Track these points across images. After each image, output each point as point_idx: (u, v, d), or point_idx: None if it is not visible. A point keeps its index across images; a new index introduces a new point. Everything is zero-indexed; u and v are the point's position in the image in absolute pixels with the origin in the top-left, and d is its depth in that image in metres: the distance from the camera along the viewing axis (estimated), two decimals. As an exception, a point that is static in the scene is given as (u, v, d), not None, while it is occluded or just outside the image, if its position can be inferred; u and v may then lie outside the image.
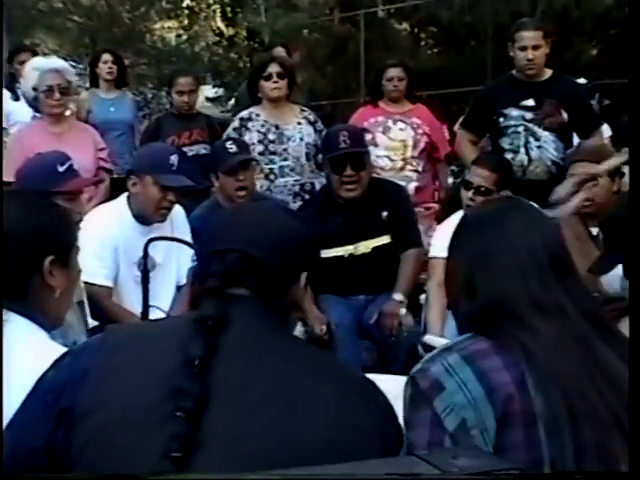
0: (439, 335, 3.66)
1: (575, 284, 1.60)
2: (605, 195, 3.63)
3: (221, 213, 1.66)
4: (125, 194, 3.66)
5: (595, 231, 3.66)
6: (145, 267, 3.32)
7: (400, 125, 5.33)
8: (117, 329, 1.63)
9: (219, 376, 1.39)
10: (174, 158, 3.56)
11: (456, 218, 3.93)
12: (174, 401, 1.34)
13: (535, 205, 1.79)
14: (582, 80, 6.02)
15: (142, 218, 3.60)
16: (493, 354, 1.50)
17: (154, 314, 3.33)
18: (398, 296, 3.97)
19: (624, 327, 2.63)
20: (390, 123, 5.34)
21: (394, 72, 5.36)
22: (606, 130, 5.20)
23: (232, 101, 12.03)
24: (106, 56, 6.07)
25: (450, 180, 5.94)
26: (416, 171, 5.31)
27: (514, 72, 4.63)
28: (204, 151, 5.38)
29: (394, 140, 5.30)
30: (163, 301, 3.52)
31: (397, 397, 1.58)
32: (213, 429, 1.35)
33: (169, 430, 1.32)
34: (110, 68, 6.02)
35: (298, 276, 1.59)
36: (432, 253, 4.03)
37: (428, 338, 3.24)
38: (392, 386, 2.87)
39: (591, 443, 1.43)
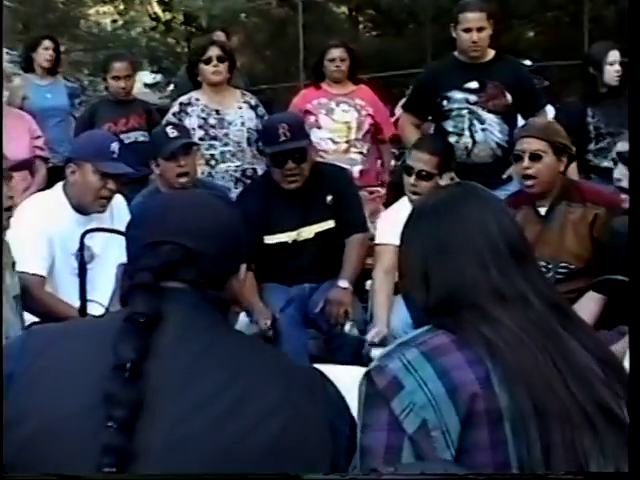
0: (386, 323, 3.62)
1: (534, 272, 1.53)
2: (550, 173, 3.61)
3: (151, 204, 1.54)
4: (61, 183, 3.54)
5: (543, 211, 3.65)
6: (82, 259, 3.19)
7: (343, 107, 5.27)
8: (41, 330, 1.53)
9: (154, 380, 1.30)
10: (115, 145, 3.48)
11: (401, 204, 3.99)
12: (105, 410, 1.25)
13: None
14: (527, 62, 6.03)
15: (81, 207, 3.49)
16: (454, 350, 1.41)
17: (93, 308, 3.20)
18: (343, 283, 3.90)
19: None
20: (333, 105, 5.28)
21: (336, 52, 5.31)
22: (550, 111, 5.17)
23: (171, 87, 11.88)
24: (47, 42, 5.97)
25: (392, 163, 5.88)
26: (360, 153, 5.26)
27: (456, 53, 4.59)
28: (142, 138, 5.29)
29: (337, 122, 5.24)
30: (102, 294, 3.39)
31: (349, 390, 1.50)
32: (149, 438, 1.26)
33: (101, 442, 1.23)
34: (50, 55, 5.92)
35: (237, 267, 1.51)
36: (378, 239, 3.98)
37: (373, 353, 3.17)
38: (344, 377, 2.81)
39: (559, 441, 1.37)
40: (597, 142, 5.03)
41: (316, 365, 3.25)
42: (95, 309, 3.21)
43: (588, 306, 3.11)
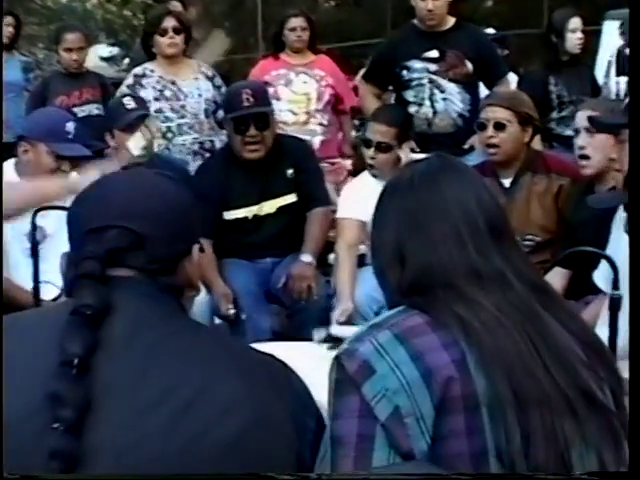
0: (350, 299, 3.56)
1: (513, 250, 1.45)
2: (514, 143, 3.59)
3: (93, 186, 1.44)
4: (12, 160, 3.44)
5: (507, 183, 3.61)
6: (34, 239, 3.08)
7: (303, 77, 5.20)
8: None
9: (103, 377, 1.21)
10: (70, 125, 3.40)
11: (362, 177, 3.93)
12: (51, 410, 1.16)
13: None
14: (491, 30, 5.99)
15: None
16: (429, 331, 1.33)
17: (47, 289, 3.10)
18: (306, 257, 3.85)
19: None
20: (292, 76, 5.20)
21: (296, 22, 5.24)
22: (513, 80, 5.14)
23: (127, 60, 11.67)
24: (8, 19, 5.84)
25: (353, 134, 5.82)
26: (321, 124, 5.19)
27: (416, 22, 4.54)
28: (96, 111, 5.19)
29: (297, 93, 5.17)
30: (57, 275, 3.28)
31: (314, 368, 1.45)
32: (99, 440, 1.17)
33: (48, 445, 1.14)
34: (10, 32, 5.83)
35: (189, 249, 1.41)
36: (340, 213, 3.93)
37: (336, 329, 3.11)
38: (309, 354, 2.75)
39: (539, 428, 1.29)
40: (560, 110, 5.06)
41: (280, 342, 3.24)
42: (50, 290, 3.12)
43: (556, 281, 3.07)
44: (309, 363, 2.42)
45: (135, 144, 3.73)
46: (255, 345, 2.94)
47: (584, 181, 3.35)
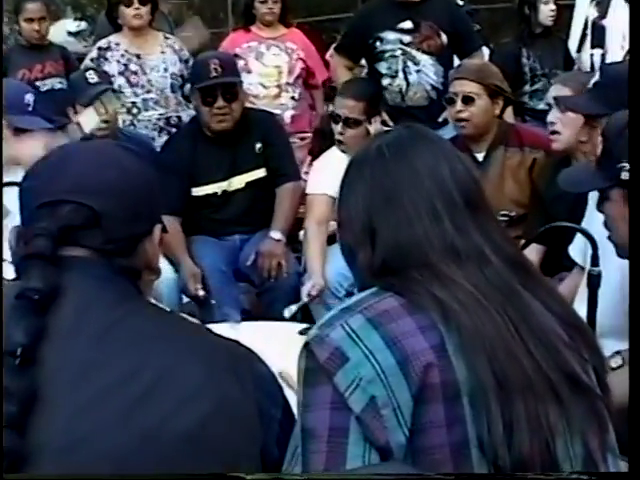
0: (321, 275, 3.49)
1: (491, 223, 1.36)
2: (484, 117, 3.55)
3: (48, 156, 1.33)
4: None
5: (480, 157, 3.58)
6: (-8, 217, 2.97)
7: (274, 50, 5.12)
8: None
9: (51, 367, 1.12)
10: (29, 97, 3.25)
11: (332, 152, 3.85)
12: None
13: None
14: (460, 1, 5.90)
15: None
16: (405, 315, 1.24)
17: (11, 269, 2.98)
18: (276, 234, 3.80)
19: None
20: (263, 48, 5.11)
21: (264, -6, 5.12)
22: (486, 53, 5.07)
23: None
24: None
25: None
26: (292, 98, 5.12)
27: None
28: (59, 85, 5.06)
29: (268, 66, 5.09)
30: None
31: (284, 348, 1.33)
32: (46, 436, 1.09)
33: None
34: None
35: (149, 229, 1.31)
36: (309, 189, 3.87)
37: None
38: (278, 334, 2.67)
39: (523, 414, 1.21)
40: (532, 84, 5.02)
41: (249, 322, 3.17)
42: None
43: (531, 258, 3.00)
44: (279, 343, 2.35)
45: (87, 120, 3.63)
46: (224, 325, 2.90)
47: (558, 154, 3.29)
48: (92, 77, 3.81)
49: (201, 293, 3.63)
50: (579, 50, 5.14)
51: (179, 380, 1.14)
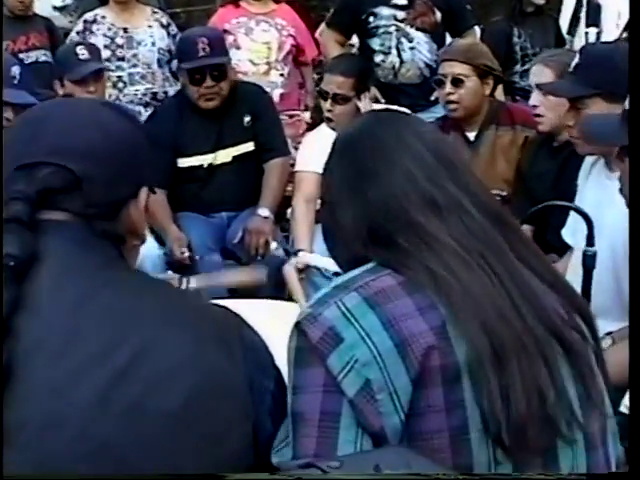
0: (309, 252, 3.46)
1: (468, 178, 1.33)
2: (473, 98, 3.52)
3: (26, 115, 1.27)
4: None
5: (472, 136, 3.55)
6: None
7: (263, 26, 5.01)
8: None
9: (27, 339, 1.06)
10: (16, 70, 3.21)
11: (320, 130, 3.80)
12: None
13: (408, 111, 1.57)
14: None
15: None
16: (403, 295, 1.20)
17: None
18: (263, 211, 3.76)
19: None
20: (253, 24, 5.01)
21: (256, -31, 5.05)
22: (478, 33, 5.03)
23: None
24: None
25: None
26: (281, 75, 5.02)
27: None
28: (44, 57, 4.96)
29: (257, 42, 4.99)
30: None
31: (271, 328, 1.30)
32: (21, 413, 1.03)
33: None
34: None
35: (134, 192, 1.25)
36: (298, 167, 3.83)
37: (303, 256, 3.00)
38: (265, 312, 2.63)
39: (518, 376, 1.18)
40: (523, 63, 4.98)
41: (236, 300, 3.12)
42: None
43: None
44: (264, 323, 2.30)
45: None
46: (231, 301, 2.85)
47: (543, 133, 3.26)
48: (83, 52, 3.75)
49: (186, 254, 3.59)
50: (570, 32, 5.10)
51: (162, 352, 1.09)
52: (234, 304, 1.28)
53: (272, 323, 1.25)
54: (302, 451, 1.14)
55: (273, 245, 3.68)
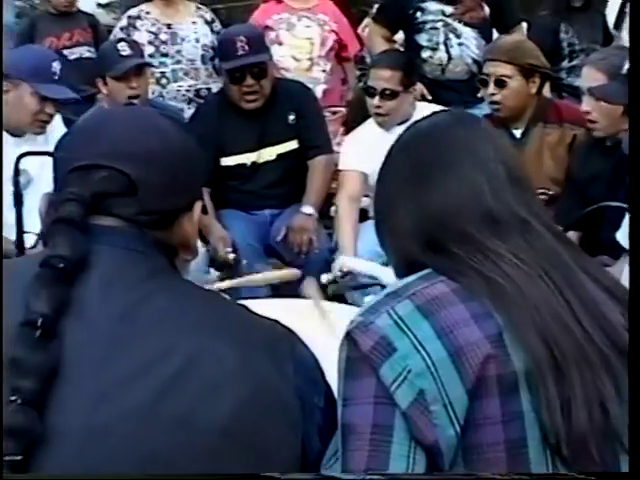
0: (352, 253, 3.42)
1: (534, 201, 1.30)
2: (518, 99, 3.46)
3: (86, 118, 1.25)
4: None
5: (518, 133, 3.51)
6: (17, 186, 2.91)
7: (306, 22, 5.00)
8: None
9: (73, 343, 1.04)
10: (56, 65, 3.19)
11: (364, 128, 3.76)
12: (10, 379, 0.99)
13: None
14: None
15: (13, 129, 3.21)
16: (457, 302, 1.15)
17: (31, 240, 2.92)
18: (307, 209, 3.74)
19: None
20: (295, 20, 4.99)
21: (299, -36, 5.04)
22: (524, 27, 4.96)
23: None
24: None
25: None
26: (323, 71, 5.01)
27: None
28: (88, 54, 4.99)
29: (299, 38, 4.97)
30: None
31: (315, 327, 1.25)
32: (65, 419, 1.00)
33: (4, 421, 0.97)
34: None
35: (189, 204, 1.22)
36: (342, 165, 3.81)
37: (345, 260, 2.95)
38: (309, 312, 2.59)
39: (579, 387, 1.13)
40: (570, 59, 4.89)
41: (279, 299, 3.10)
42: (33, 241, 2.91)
43: None
44: (310, 321, 2.26)
45: None
46: (252, 301, 2.83)
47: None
48: (124, 49, 3.72)
49: (231, 256, 3.57)
50: (616, 27, 5.01)
51: (211, 362, 1.06)
52: (250, 304, 1.25)
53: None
54: (352, 465, 1.11)
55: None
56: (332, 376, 1.18)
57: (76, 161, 1.17)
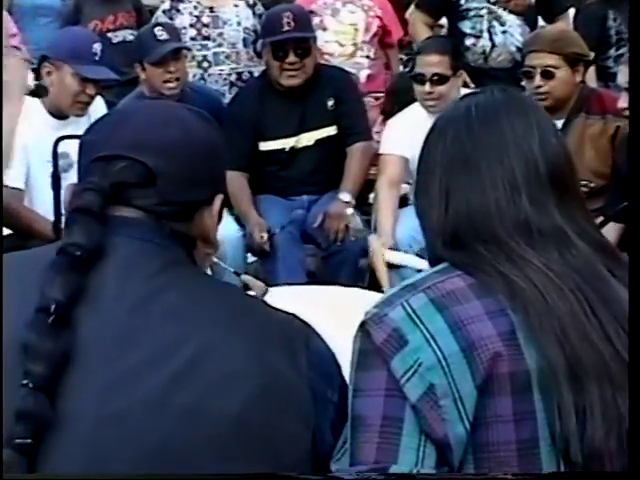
0: (391, 239, 3.40)
1: (577, 207, 1.23)
2: (565, 87, 3.43)
3: (113, 110, 1.27)
4: (33, 84, 3.28)
5: (559, 123, 3.43)
6: (55, 169, 2.94)
7: (350, 7, 4.95)
8: None
9: (86, 331, 1.04)
10: (97, 46, 3.25)
11: (409, 112, 3.73)
12: (23, 364, 1.00)
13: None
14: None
15: (56, 111, 3.26)
16: (472, 297, 1.14)
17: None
18: (345, 196, 3.73)
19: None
20: (339, 5, 4.95)
21: (343, -50, 5.01)
22: (571, 15, 4.88)
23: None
24: None
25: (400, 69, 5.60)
26: (367, 57, 4.96)
27: None
28: (131, 37, 4.92)
29: (344, 23, 4.93)
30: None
31: (349, 315, 1.27)
32: (77, 406, 1.01)
33: (14, 405, 0.98)
34: None
35: (210, 198, 1.22)
36: (383, 149, 3.79)
37: (391, 255, 2.95)
38: (343, 300, 2.59)
39: (598, 403, 1.11)
40: (618, 48, 4.78)
41: (314, 286, 3.10)
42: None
43: (608, 237, 2.86)
44: (343, 310, 2.26)
45: None
46: (287, 287, 2.83)
47: None
48: (161, 33, 3.71)
49: (266, 238, 3.57)
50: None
51: (224, 354, 1.06)
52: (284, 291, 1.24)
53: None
54: (362, 457, 1.10)
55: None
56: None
57: (99, 151, 1.17)
